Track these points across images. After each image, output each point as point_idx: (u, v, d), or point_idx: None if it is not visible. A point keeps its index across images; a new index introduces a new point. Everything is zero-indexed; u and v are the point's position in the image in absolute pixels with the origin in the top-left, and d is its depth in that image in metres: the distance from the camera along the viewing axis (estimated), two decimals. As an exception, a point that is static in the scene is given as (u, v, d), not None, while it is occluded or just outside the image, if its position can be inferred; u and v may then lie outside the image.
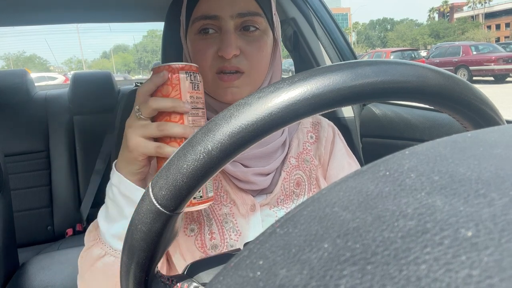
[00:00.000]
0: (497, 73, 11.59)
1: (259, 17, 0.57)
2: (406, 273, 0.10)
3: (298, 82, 0.24)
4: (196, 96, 0.48)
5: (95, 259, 0.50)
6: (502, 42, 24.05)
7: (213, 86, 0.58)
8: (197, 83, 0.48)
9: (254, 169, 0.59)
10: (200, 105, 0.48)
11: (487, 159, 0.14)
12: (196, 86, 0.48)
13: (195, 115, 0.47)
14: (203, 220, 0.58)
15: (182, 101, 0.46)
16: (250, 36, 0.57)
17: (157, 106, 0.46)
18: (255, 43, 0.57)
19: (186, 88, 0.47)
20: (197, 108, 0.48)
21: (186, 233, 0.57)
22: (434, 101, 0.27)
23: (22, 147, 1.65)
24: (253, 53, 0.56)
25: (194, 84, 0.48)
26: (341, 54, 1.16)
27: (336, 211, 0.13)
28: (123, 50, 78.16)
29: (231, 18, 0.55)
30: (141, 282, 0.29)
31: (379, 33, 66.53)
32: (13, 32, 72.38)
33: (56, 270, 1.23)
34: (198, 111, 0.48)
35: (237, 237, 0.58)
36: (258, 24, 0.57)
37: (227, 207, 0.59)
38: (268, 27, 0.59)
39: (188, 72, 0.47)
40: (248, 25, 0.56)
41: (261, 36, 0.58)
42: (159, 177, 0.26)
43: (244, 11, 0.55)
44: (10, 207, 1.15)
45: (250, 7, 0.56)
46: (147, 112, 0.46)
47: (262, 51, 0.58)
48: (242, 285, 0.12)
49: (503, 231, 0.10)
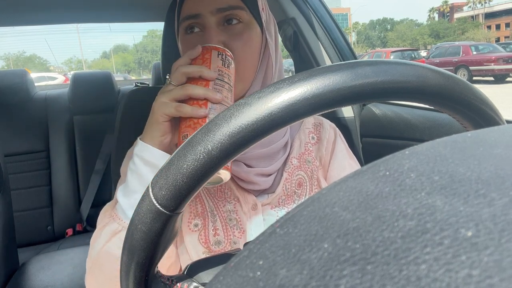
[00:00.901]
0: (497, 73, 11.58)
1: (240, 10, 0.57)
2: (406, 273, 0.10)
3: (298, 82, 0.24)
4: (225, 72, 0.51)
5: (112, 235, 0.50)
6: (502, 42, 24.06)
7: None
8: (228, 63, 0.51)
9: (256, 170, 0.59)
10: (226, 79, 0.51)
11: (487, 159, 0.14)
12: (226, 64, 0.51)
13: (221, 85, 0.50)
14: (207, 215, 0.59)
15: (208, 69, 0.49)
16: (232, 30, 0.57)
17: (185, 70, 0.49)
18: (238, 36, 0.57)
19: (216, 63, 0.50)
20: (224, 82, 0.50)
21: (190, 227, 0.58)
22: (434, 101, 0.27)
23: (22, 147, 1.66)
24: (237, 46, 0.56)
25: (224, 62, 0.51)
26: (341, 54, 1.16)
27: (336, 211, 0.13)
28: (123, 50, 78.14)
29: (211, 14, 0.56)
30: (141, 282, 0.29)
31: (379, 33, 66.53)
32: (13, 32, 72.41)
33: (56, 270, 1.23)
34: (225, 84, 0.50)
35: (240, 234, 0.59)
36: (240, 18, 0.57)
37: (231, 204, 0.60)
38: (253, 20, 0.59)
39: (222, 53, 0.51)
40: (230, 18, 0.57)
41: (244, 29, 0.58)
42: (159, 177, 0.26)
43: (224, 6, 0.56)
44: (10, 207, 1.15)
45: (229, 1, 0.56)
46: (176, 78, 0.49)
47: (247, 45, 0.57)
48: (242, 285, 0.12)
49: (503, 231, 0.10)
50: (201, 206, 0.59)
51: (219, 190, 0.61)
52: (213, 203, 0.60)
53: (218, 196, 0.60)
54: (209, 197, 0.60)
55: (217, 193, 0.60)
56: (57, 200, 1.69)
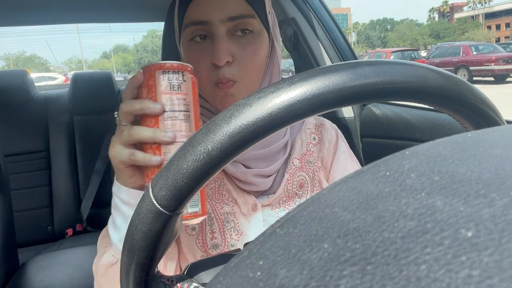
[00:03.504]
0: (497, 73, 11.58)
1: (251, 19, 0.54)
2: (406, 274, 0.10)
3: (298, 82, 0.24)
4: (175, 98, 0.42)
5: (107, 266, 0.50)
6: (502, 42, 24.06)
7: (212, 94, 0.56)
8: (179, 82, 0.43)
9: (254, 170, 0.59)
10: (182, 107, 0.43)
11: (487, 160, 0.14)
12: (176, 86, 0.43)
13: (174, 118, 0.42)
14: (204, 219, 0.58)
15: (152, 102, 0.42)
16: (243, 40, 0.55)
17: (126, 109, 0.43)
18: (249, 47, 0.55)
19: (162, 89, 0.42)
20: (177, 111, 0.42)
21: (187, 231, 0.58)
22: (434, 101, 0.27)
23: (22, 147, 1.65)
24: (246, 58, 0.54)
25: (172, 84, 0.43)
26: (341, 54, 1.16)
27: (336, 212, 0.13)
28: (123, 50, 78.10)
29: (221, 23, 0.53)
30: (141, 282, 0.29)
31: (379, 33, 66.52)
32: (13, 32, 72.39)
33: (56, 270, 1.23)
34: (179, 114, 0.43)
35: (238, 237, 0.58)
36: (251, 26, 0.55)
37: (229, 206, 0.59)
38: (263, 28, 0.57)
39: (168, 72, 0.43)
40: (240, 28, 0.54)
41: (255, 38, 0.55)
42: (159, 177, 0.26)
43: (235, 14, 0.53)
44: (10, 207, 1.15)
45: (240, 10, 0.54)
46: (121, 116, 0.44)
47: (256, 55, 0.55)
48: (242, 285, 0.12)
49: (503, 232, 0.10)
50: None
51: (217, 192, 0.60)
52: (210, 205, 0.59)
53: (216, 199, 0.59)
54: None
55: (215, 195, 0.59)
56: (57, 200, 1.69)
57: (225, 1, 0.53)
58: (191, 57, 0.55)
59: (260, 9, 0.56)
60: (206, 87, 0.56)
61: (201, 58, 0.54)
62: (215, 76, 0.54)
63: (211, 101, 0.58)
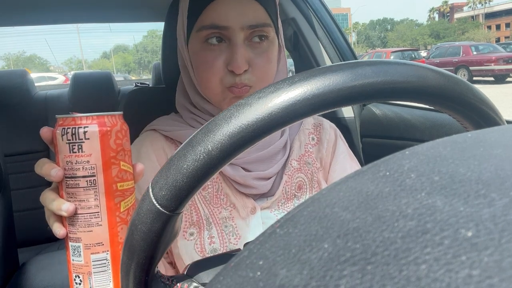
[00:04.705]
0: (497, 73, 11.58)
1: (268, 28, 0.55)
2: (406, 273, 0.10)
3: (298, 82, 0.24)
4: (75, 161, 0.35)
5: None
6: (502, 42, 24.07)
7: (221, 96, 0.57)
8: (80, 142, 0.35)
9: (254, 173, 0.58)
10: (84, 171, 0.35)
11: (487, 160, 0.14)
12: (76, 147, 0.35)
13: (73, 186, 0.35)
14: (202, 224, 0.57)
15: (51, 167, 0.36)
16: (258, 47, 0.55)
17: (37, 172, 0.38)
18: (264, 54, 0.56)
19: (63, 151, 0.36)
20: (77, 178, 0.35)
21: (185, 237, 0.57)
22: (434, 101, 0.27)
23: (22, 147, 1.65)
24: (261, 65, 0.55)
25: (72, 145, 0.35)
26: (341, 54, 1.16)
27: (336, 211, 0.13)
28: (123, 50, 78.10)
29: (241, 30, 0.53)
30: (141, 282, 0.29)
31: (379, 33, 66.51)
32: (13, 32, 72.34)
33: (56, 270, 1.23)
34: (78, 181, 0.35)
35: (236, 240, 0.58)
36: (267, 34, 0.56)
37: (227, 210, 0.59)
38: (275, 34, 0.58)
39: (67, 129, 0.35)
40: (258, 35, 0.55)
41: (269, 46, 0.56)
42: (159, 177, 0.26)
43: (255, 23, 0.54)
44: (10, 207, 1.15)
45: (260, 18, 0.54)
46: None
47: (270, 62, 0.57)
48: (242, 285, 0.12)
49: (503, 232, 0.10)
50: (196, 214, 0.58)
51: (215, 196, 0.59)
52: (208, 210, 0.58)
53: (214, 203, 0.59)
54: (204, 204, 0.59)
55: (213, 199, 0.59)
56: (57, 200, 1.69)
57: (245, 8, 0.53)
58: (203, 59, 0.56)
59: (274, 16, 0.57)
60: (216, 88, 0.56)
61: (215, 60, 0.54)
62: (230, 81, 0.54)
63: (216, 102, 0.58)
